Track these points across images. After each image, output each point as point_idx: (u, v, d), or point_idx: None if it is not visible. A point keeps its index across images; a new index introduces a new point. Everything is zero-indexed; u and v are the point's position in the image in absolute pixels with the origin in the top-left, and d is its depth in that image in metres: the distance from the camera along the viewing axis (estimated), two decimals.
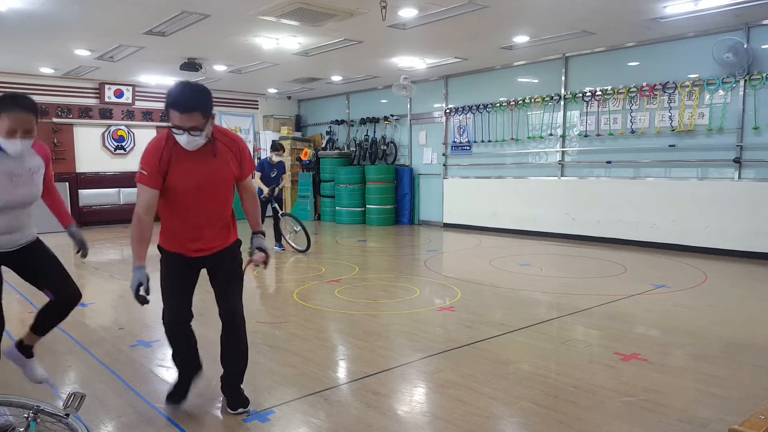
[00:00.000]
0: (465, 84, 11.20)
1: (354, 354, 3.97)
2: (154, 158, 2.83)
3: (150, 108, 13.31)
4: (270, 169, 8.73)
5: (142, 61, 10.02)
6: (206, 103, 2.77)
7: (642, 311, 5.03)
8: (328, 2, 6.51)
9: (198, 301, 5.58)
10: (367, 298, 5.57)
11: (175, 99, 2.72)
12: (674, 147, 8.28)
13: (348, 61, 10.03)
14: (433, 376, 3.55)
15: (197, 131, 2.73)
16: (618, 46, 8.78)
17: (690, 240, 8.08)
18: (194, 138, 2.74)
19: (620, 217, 8.84)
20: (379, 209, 12.20)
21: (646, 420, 2.89)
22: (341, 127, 14.12)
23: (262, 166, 8.72)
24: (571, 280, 6.41)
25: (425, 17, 7.13)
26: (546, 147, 9.95)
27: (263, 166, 8.71)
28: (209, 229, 2.98)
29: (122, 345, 4.19)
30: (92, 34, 8.09)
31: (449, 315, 4.97)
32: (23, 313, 5.13)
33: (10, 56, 9.60)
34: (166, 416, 2.99)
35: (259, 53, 9.25)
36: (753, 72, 7.46)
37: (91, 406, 3.10)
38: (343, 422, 2.90)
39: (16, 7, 6.63)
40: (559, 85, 9.61)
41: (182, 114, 2.69)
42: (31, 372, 3.23)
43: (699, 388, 3.30)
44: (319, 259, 7.84)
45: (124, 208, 12.83)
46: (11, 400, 2.38)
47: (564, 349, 4.01)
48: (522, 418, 2.95)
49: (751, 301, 5.48)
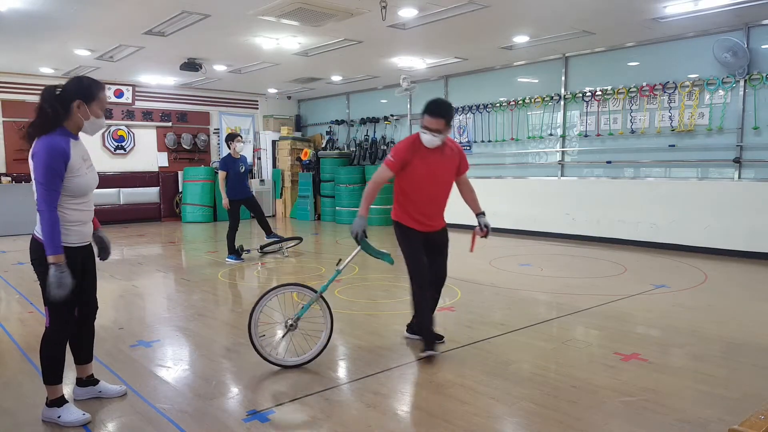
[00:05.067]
0: (465, 84, 11.20)
1: (354, 354, 3.97)
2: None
3: (150, 108, 13.32)
4: (235, 165, 7.55)
5: (142, 61, 10.02)
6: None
7: (642, 311, 5.03)
8: (328, 2, 6.51)
9: (198, 300, 5.61)
10: (367, 298, 5.57)
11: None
12: (674, 147, 8.28)
13: (348, 61, 10.03)
14: (433, 376, 3.54)
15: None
16: (618, 46, 8.78)
17: (690, 240, 8.07)
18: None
19: (620, 217, 8.84)
20: (380, 209, 12.18)
21: (646, 420, 2.89)
22: (341, 127, 14.12)
23: (225, 163, 7.50)
24: (571, 280, 6.41)
25: (425, 17, 7.13)
26: (546, 147, 9.94)
27: (227, 164, 7.50)
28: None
29: (122, 345, 4.18)
30: (92, 34, 8.09)
31: (449, 315, 4.97)
32: (23, 313, 5.13)
33: (10, 56, 9.60)
34: (166, 416, 2.99)
35: (259, 53, 9.25)
36: (753, 72, 7.46)
37: (91, 406, 3.10)
38: (343, 422, 2.90)
39: (16, 7, 6.63)
40: (559, 85, 9.61)
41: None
42: (110, 394, 3.23)
43: (699, 388, 3.30)
44: (319, 260, 7.83)
45: (124, 208, 12.84)
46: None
47: (564, 349, 4.01)
48: (522, 418, 2.94)
49: (751, 301, 5.48)
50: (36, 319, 4.88)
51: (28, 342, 4.25)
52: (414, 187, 3.82)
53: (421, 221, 3.89)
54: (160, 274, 7.09)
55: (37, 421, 2.94)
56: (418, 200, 3.85)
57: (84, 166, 2.85)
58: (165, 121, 13.61)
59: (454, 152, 3.92)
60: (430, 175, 3.79)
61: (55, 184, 2.70)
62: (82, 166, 2.83)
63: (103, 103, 2.91)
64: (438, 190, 3.90)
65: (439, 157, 3.82)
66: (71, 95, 2.80)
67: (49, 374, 2.89)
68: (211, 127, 14.34)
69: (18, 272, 7.07)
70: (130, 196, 13.08)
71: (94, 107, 2.86)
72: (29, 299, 5.61)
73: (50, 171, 2.68)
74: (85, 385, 3.19)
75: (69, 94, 2.80)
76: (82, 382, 3.20)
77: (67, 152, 2.74)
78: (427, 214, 3.89)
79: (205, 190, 13.12)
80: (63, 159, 2.71)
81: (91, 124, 2.88)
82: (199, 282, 6.50)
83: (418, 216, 3.87)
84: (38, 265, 2.82)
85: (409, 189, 3.84)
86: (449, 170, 3.92)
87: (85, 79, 2.90)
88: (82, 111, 2.82)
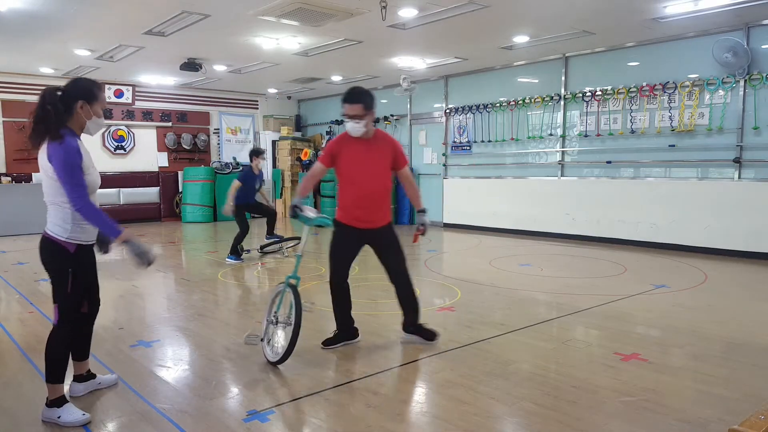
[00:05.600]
0: (465, 84, 11.20)
1: (354, 354, 3.97)
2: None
3: (150, 108, 13.32)
4: (253, 180, 7.73)
5: (142, 61, 10.02)
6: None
7: (642, 311, 5.03)
8: (328, 2, 6.50)
9: (198, 300, 5.61)
10: (367, 298, 5.56)
11: None
12: (674, 147, 8.28)
13: (348, 61, 10.03)
14: (433, 376, 3.54)
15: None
16: (618, 46, 8.78)
17: (690, 240, 8.07)
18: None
19: (620, 217, 8.84)
20: None
21: (646, 420, 2.89)
22: (341, 127, 14.10)
23: (245, 176, 7.66)
24: (571, 280, 6.41)
25: (425, 17, 7.12)
26: (546, 147, 9.94)
27: (246, 177, 7.65)
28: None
29: (122, 345, 4.18)
30: (92, 34, 8.09)
31: (449, 315, 4.97)
32: (23, 313, 5.13)
33: (10, 56, 9.60)
34: (166, 416, 2.99)
35: (259, 53, 9.25)
36: (753, 72, 7.46)
37: (91, 406, 3.10)
38: (343, 422, 2.90)
39: (16, 7, 6.63)
40: (559, 85, 9.61)
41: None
42: (107, 383, 3.34)
43: (699, 388, 3.30)
44: (319, 260, 7.83)
45: (124, 208, 12.84)
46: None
47: (564, 349, 4.01)
48: (522, 418, 2.94)
49: (751, 301, 5.48)
50: (36, 319, 4.88)
51: (28, 342, 4.26)
52: (345, 180, 3.89)
53: (358, 217, 3.88)
54: (160, 274, 7.09)
55: (36, 421, 2.93)
56: (351, 194, 3.87)
57: (91, 166, 2.93)
58: (165, 121, 13.61)
59: (387, 145, 3.92)
60: (359, 166, 3.81)
61: (80, 178, 2.80)
62: (90, 165, 2.91)
63: (103, 103, 3.01)
64: (370, 184, 3.84)
65: (368, 149, 3.83)
66: (73, 96, 2.86)
67: (52, 373, 2.91)
68: (211, 127, 14.34)
69: (18, 272, 7.07)
70: (130, 196, 13.08)
71: (95, 107, 2.94)
72: (29, 299, 5.61)
73: (74, 168, 2.77)
74: (85, 380, 3.26)
75: (71, 95, 2.86)
76: (82, 378, 3.25)
77: (80, 150, 2.83)
78: (362, 209, 3.87)
79: (205, 190, 13.12)
80: (79, 156, 2.81)
81: (93, 123, 2.96)
82: (199, 282, 6.50)
83: (355, 211, 3.88)
84: (49, 263, 2.89)
85: (343, 183, 3.92)
86: (380, 163, 3.88)
87: (85, 80, 2.97)
88: (85, 111, 2.90)
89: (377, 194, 3.90)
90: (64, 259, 2.87)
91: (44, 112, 2.79)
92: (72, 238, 2.88)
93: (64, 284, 2.88)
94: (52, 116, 2.78)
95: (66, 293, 2.88)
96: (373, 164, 3.85)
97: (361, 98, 3.74)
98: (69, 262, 2.88)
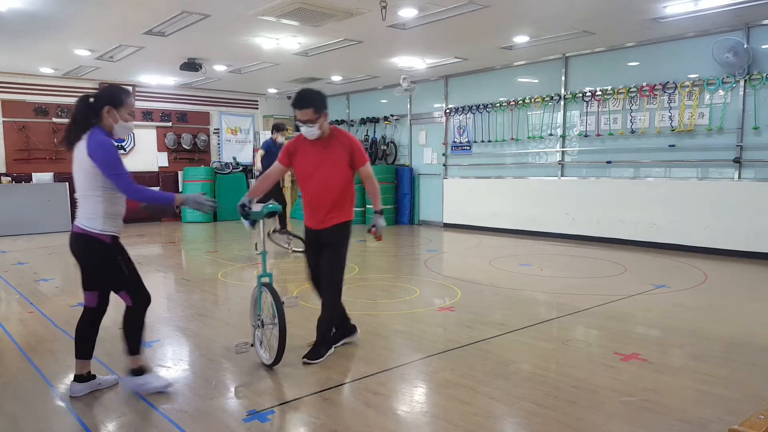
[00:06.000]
0: (465, 84, 11.20)
1: (354, 354, 3.97)
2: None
3: (150, 108, 13.31)
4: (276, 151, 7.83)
5: (142, 61, 10.02)
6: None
7: (642, 311, 5.03)
8: (328, 2, 6.50)
9: (198, 300, 5.61)
10: (366, 298, 5.56)
11: None
12: (674, 147, 8.28)
13: (348, 61, 10.03)
14: (433, 376, 3.54)
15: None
16: (618, 46, 8.78)
17: (690, 240, 8.08)
18: None
19: (620, 217, 8.84)
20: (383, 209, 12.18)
21: (646, 420, 2.89)
22: (341, 127, 14.11)
23: (267, 145, 8.05)
24: (571, 280, 6.41)
25: (425, 17, 7.12)
26: (546, 147, 9.94)
27: (269, 146, 8.01)
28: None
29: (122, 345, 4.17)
30: (92, 34, 8.09)
31: (449, 315, 4.97)
32: (23, 313, 5.13)
33: (10, 56, 9.59)
34: (166, 416, 2.99)
35: (259, 53, 9.25)
36: (753, 72, 7.45)
37: (91, 406, 3.11)
38: (343, 422, 2.90)
39: (16, 7, 6.63)
40: (559, 85, 9.61)
41: None
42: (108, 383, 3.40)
43: (699, 388, 3.30)
44: None
45: None
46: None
47: (564, 349, 4.01)
48: (522, 418, 2.94)
49: (751, 301, 5.48)
50: (36, 319, 4.88)
51: (28, 342, 4.26)
52: (300, 181, 3.90)
53: (310, 217, 3.90)
54: (160, 274, 7.09)
55: (36, 421, 2.94)
56: (306, 195, 3.89)
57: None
58: (165, 121, 13.60)
59: (343, 145, 3.81)
60: (311, 167, 3.79)
61: (123, 167, 3.08)
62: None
63: (130, 107, 3.22)
64: (321, 184, 3.78)
65: (322, 149, 3.78)
66: (102, 102, 3.12)
67: (133, 347, 3.27)
68: (211, 127, 14.34)
69: (18, 272, 7.07)
70: None
71: (122, 112, 3.17)
72: (29, 299, 5.61)
73: (117, 159, 3.05)
74: (86, 380, 3.30)
75: (100, 101, 3.13)
76: (82, 378, 3.28)
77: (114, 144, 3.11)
78: (314, 209, 3.85)
79: (205, 190, 13.11)
80: (116, 150, 3.09)
81: (120, 127, 3.19)
82: (199, 282, 6.50)
83: (308, 212, 3.91)
84: (82, 256, 3.15)
85: (300, 184, 3.94)
86: (334, 163, 3.78)
87: (114, 87, 3.27)
88: (112, 115, 3.13)
89: (328, 195, 3.79)
90: (104, 252, 3.12)
91: (73, 118, 3.11)
92: (105, 230, 3.11)
93: (118, 271, 3.17)
94: (78, 122, 3.09)
95: (123, 277, 3.19)
96: (326, 165, 3.77)
97: (310, 102, 3.66)
98: (111, 252, 3.15)
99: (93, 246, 3.10)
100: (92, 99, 3.13)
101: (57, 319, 4.84)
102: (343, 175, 3.81)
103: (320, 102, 3.72)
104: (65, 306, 5.34)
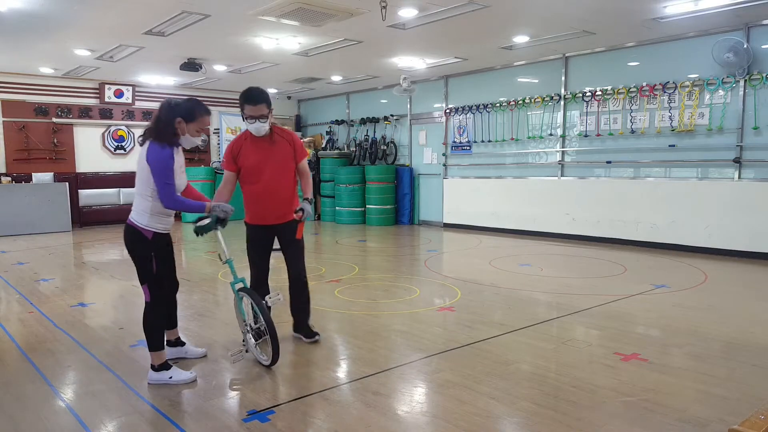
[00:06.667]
0: (465, 84, 11.20)
1: (354, 354, 3.97)
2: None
3: (150, 108, 13.29)
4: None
5: (142, 61, 10.01)
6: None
7: (642, 311, 5.03)
8: (328, 2, 6.50)
9: (198, 301, 5.61)
10: (366, 298, 5.56)
11: None
12: (674, 147, 8.28)
13: (348, 61, 10.03)
14: (433, 376, 3.54)
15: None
16: (618, 46, 8.78)
17: (690, 240, 8.08)
18: None
19: (620, 217, 8.84)
20: (379, 209, 12.19)
21: (646, 420, 2.89)
22: (341, 127, 14.12)
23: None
24: (571, 280, 6.41)
25: (425, 17, 7.12)
26: (546, 147, 9.94)
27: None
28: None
29: (122, 345, 4.18)
30: (92, 34, 8.09)
31: (449, 315, 4.97)
32: (23, 313, 5.13)
33: (10, 56, 9.59)
34: (166, 416, 2.99)
35: (259, 53, 9.25)
36: (753, 72, 7.45)
37: (91, 406, 3.11)
38: (343, 422, 2.90)
39: (16, 7, 6.63)
40: (559, 85, 9.61)
41: None
42: (193, 354, 3.84)
43: (699, 388, 3.30)
44: (319, 259, 7.83)
45: (124, 208, 12.82)
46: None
47: (564, 349, 4.01)
48: (522, 418, 2.94)
49: (751, 301, 5.47)
50: (36, 319, 4.88)
51: (28, 342, 4.26)
52: (249, 178, 3.91)
53: (263, 215, 3.96)
54: None
55: (36, 421, 2.94)
56: (256, 191, 3.91)
57: (179, 171, 3.38)
58: None
59: (287, 141, 3.97)
60: (261, 162, 3.86)
61: (171, 178, 3.29)
62: (177, 171, 3.36)
63: (201, 125, 3.43)
64: (276, 180, 3.90)
65: (269, 145, 3.89)
66: (177, 112, 3.35)
67: (153, 343, 3.41)
68: (211, 127, 14.33)
69: (18, 272, 7.07)
70: (130, 196, 12.94)
71: (191, 127, 3.39)
72: (29, 299, 5.62)
73: (166, 170, 3.26)
74: (174, 346, 3.74)
75: (175, 110, 3.36)
76: (170, 344, 3.71)
77: (173, 156, 3.31)
78: (267, 205, 3.93)
79: (205, 190, 13.10)
80: (171, 160, 3.29)
81: (185, 139, 3.41)
82: (199, 282, 6.50)
83: (260, 209, 3.96)
84: (132, 249, 3.39)
85: (247, 181, 3.93)
86: (282, 158, 3.93)
87: (193, 101, 3.46)
88: (181, 127, 3.36)
89: (282, 190, 3.94)
90: (145, 246, 3.35)
91: (156, 120, 3.35)
92: (150, 226, 3.35)
93: (150, 266, 3.37)
94: (159, 124, 3.32)
95: (152, 274, 3.38)
96: (276, 160, 3.90)
97: (264, 98, 3.78)
98: (149, 247, 3.36)
99: (136, 237, 3.35)
100: (172, 106, 3.36)
101: (57, 319, 4.85)
102: (292, 170, 4.01)
103: (269, 99, 3.86)
104: (65, 306, 5.34)
